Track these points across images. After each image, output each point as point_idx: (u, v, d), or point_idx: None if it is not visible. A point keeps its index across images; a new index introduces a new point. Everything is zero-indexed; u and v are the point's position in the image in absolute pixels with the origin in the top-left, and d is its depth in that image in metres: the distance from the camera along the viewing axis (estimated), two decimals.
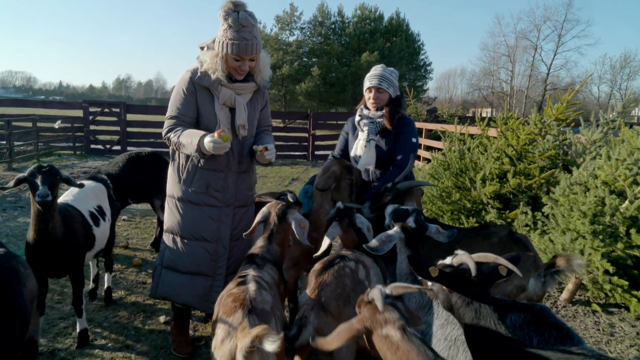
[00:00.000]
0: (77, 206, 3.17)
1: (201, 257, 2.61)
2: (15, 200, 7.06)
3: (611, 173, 3.77)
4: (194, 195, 2.60)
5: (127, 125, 13.73)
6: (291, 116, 16.15)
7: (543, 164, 4.96)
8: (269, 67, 2.67)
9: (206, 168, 2.58)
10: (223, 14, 2.38)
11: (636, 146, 3.86)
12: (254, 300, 1.73)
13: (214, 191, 2.60)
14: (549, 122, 5.01)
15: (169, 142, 2.56)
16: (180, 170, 2.64)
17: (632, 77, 42.38)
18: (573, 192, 3.93)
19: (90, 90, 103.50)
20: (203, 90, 2.53)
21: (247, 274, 1.96)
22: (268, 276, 2.03)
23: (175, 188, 2.66)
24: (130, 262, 4.50)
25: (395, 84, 3.14)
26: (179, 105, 2.55)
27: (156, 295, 2.72)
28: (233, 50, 2.38)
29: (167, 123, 2.58)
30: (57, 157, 12.69)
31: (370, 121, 3.11)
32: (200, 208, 2.60)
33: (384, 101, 3.10)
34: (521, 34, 43.10)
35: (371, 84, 3.09)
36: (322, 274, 2.10)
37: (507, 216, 4.74)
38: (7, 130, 10.33)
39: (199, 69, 2.51)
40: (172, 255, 2.65)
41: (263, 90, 2.76)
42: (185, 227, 2.62)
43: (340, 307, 2.02)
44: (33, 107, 16.16)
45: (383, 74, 3.09)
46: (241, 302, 1.70)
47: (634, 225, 3.52)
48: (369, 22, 33.06)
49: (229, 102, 2.55)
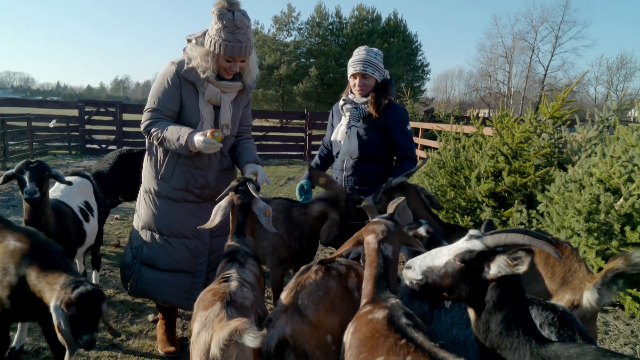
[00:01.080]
0: (66, 202, 3.15)
1: (181, 254, 2.55)
2: (7, 199, 7.00)
3: (606, 170, 3.74)
4: (172, 191, 2.53)
5: (123, 125, 13.66)
6: (288, 116, 16.13)
7: (538, 162, 4.92)
8: (257, 67, 2.62)
9: (187, 165, 2.52)
10: (217, 13, 2.30)
11: (631, 143, 3.83)
12: (233, 294, 1.67)
13: (193, 188, 2.54)
14: (544, 120, 4.99)
15: (149, 136, 2.46)
16: (158, 165, 2.56)
17: (628, 79, 42.60)
18: (568, 190, 3.90)
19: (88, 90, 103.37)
20: (188, 84, 2.46)
21: (231, 274, 1.87)
22: (251, 275, 1.95)
23: (152, 183, 2.58)
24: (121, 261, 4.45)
25: (381, 66, 2.98)
26: (162, 97, 2.45)
27: (135, 292, 2.66)
28: (227, 52, 2.32)
29: (147, 115, 2.48)
30: (52, 156, 12.62)
31: (353, 107, 2.99)
32: (178, 204, 2.55)
33: (370, 87, 2.96)
34: (518, 35, 43.32)
35: (355, 70, 2.94)
36: (304, 273, 1.84)
37: (502, 214, 4.70)
38: (1, 130, 10.27)
39: (185, 62, 2.43)
40: (151, 252, 2.58)
41: (248, 90, 2.70)
42: (164, 223, 2.55)
43: (320, 314, 1.69)
44: (29, 106, 16.05)
45: (367, 59, 2.93)
46: (220, 296, 1.64)
47: (629, 222, 3.49)
48: (367, 22, 33.04)
49: (214, 99, 2.48)
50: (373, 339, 1.40)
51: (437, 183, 5.44)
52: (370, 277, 1.63)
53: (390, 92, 3.00)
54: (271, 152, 14.69)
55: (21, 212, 6.20)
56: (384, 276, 1.62)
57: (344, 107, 3.06)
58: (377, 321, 1.45)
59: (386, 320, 1.43)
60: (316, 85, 31.16)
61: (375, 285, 1.60)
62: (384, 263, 1.64)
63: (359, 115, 2.97)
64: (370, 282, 1.62)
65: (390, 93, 2.99)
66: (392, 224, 1.77)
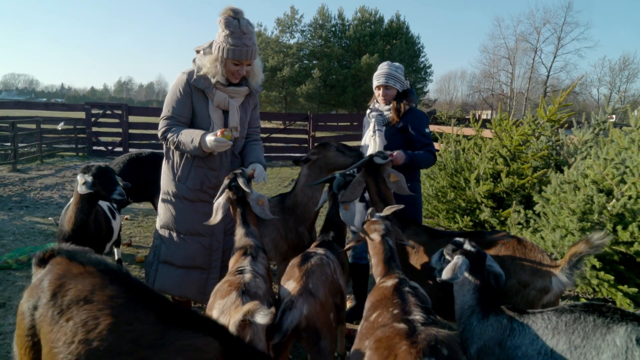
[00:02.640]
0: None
1: (197, 251, 2.73)
2: (20, 200, 7.20)
3: (600, 172, 3.89)
4: (188, 191, 2.71)
5: (129, 127, 13.86)
6: (291, 118, 16.28)
7: (536, 164, 5.08)
8: (262, 72, 2.82)
9: (201, 166, 2.70)
10: (224, 21, 2.49)
11: (623, 146, 3.98)
12: (247, 284, 1.85)
13: (207, 188, 2.72)
14: (541, 123, 5.14)
15: (166, 142, 2.66)
16: (175, 168, 2.75)
17: (631, 80, 42.54)
18: (563, 191, 4.05)
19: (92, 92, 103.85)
20: (198, 92, 2.65)
21: (245, 267, 2.06)
22: (262, 268, 2.13)
23: (170, 185, 2.76)
24: (134, 259, 4.63)
25: (401, 79, 3.36)
26: (176, 106, 2.65)
27: (154, 288, 2.83)
28: (235, 56, 2.51)
29: (163, 123, 2.68)
30: (60, 158, 12.84)
31: (378, 113, 3.34)
32: (194, 204, 2.72)
33: (392, 96, 3.34)
34: (521, 37, 43.32)
35: (379, 83, 3.34)
36: (304, 263, 2.12)
37: (500, 215, 4.86)
38: (11, 132, 10.49)
39: (195, 71, 2.62)
40: (168, 250, 2.75)
41: (254, 94, 2.89)
42: (180, 222, 2.73)
43: (327, 294, 2.03)
44: (36, 109, 16.28)
45: (389, 72, 3.31)
46: (236, 286, 1.83)
47: (621, 222, 3.63)
48: (369, 24, 33.24)
49: (223, 104, 2.67)
50: (380, 300, 1.78)
51: (438, 184, 5.59)
52: (380, 261, 2.06)
53: (410, 99, 3.37)
54: (274, 153, 14.85)
55: (34, 212, 6.42)
56: (392, 258, 2.07)
57: (370, 115, 3.39)
58: (386, 287, 1.85)
59: (394, 287, 1.83)
60: (319, 86, 31.36)
61: (386, 265, 2.03)
62: (390, 250, 2.09)
63: (383, 120, 3.32)
64: (381, 264, 2.05)
65: (410, 100, 3.37)
66: (389, 222, 2.23)
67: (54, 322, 1.52)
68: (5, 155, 10.73)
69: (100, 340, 1.43)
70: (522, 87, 43.40)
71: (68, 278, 1.60)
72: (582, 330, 1.65)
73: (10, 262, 4.22)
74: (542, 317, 1.79)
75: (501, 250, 2.45)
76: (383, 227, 2.16)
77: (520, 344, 1.79)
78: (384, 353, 1.42)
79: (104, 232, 3.31)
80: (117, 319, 1.46)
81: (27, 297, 1.65)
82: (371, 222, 2.23)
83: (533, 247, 2.42)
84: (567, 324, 1.69)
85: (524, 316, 1.85)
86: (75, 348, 1.44)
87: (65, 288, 1.57)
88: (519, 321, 1.83)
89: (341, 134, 15.99)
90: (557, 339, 1.68)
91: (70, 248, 1.78)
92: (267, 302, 1.89)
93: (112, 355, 1.42)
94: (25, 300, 1.65)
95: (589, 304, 1.73)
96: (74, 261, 1.66)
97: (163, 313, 1.49)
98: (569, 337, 1.65)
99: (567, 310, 1.74)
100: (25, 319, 1.62)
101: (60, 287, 1.58)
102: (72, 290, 1.56)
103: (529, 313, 1.86)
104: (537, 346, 1.73)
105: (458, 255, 2.02)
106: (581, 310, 1.71)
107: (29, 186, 8.48)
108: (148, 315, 1.48)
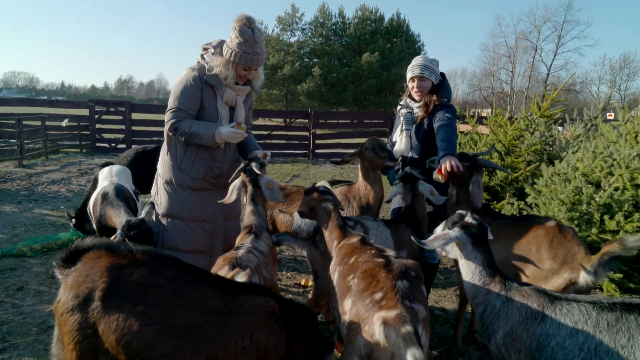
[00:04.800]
0: (126, 185, 3.77)
1: (200, 236, 2.92)
2: (29, 194, 7.39)
3: (589, 165, 4.07)
4: (191, 180, 2.89)
5: (132, 124, 14.04)
6: (292, 115, 16.44)
7: (530, 158, 5.26)
8: (263, 74, 3.03)
9: (205, 157, 2.88)
10: (239, 29, 2.67)
11: (612, 140, 4.16)
12: (239, 259, 2.07)
13: (210, 177, 2.91)
14: (535, 118, 5.31)
15: (176, 132, 2.77)
16: (178, 158, 2.90)
17: (631, 78, 42.69)
18: (554, 183, 4.23)
19: (93, 90, 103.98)
20: (208, 87, 2.82)
21: (243, 244, 2.29)
22: (264, 245, 2.36)
23: (173, 174, 2.92)
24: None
25: (436, 71, 3.21)
26: (185, 98, 2.78)
27: None
28: (247, 63, 2.72)
29: (172, 115, 2.77)
30: (64, 154, 13.02)
31: (408, 111, 3.30)
32: (197, 192, 2.91)
33: (427, 88, 3.19)
34: (521, 35, 43.42)
35: (413, 74, 3.20)
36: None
37: (494, 207, 5.04)
38: (17, 129, 10.67)
39: (206, 68, 2.79)
40: (173, 236, 2.91)
41: (251, 95, 3.10)
42: (185, 209, 2.91)
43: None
44: (40, 106, 16.47)
45: (424, 64, 3.18)
46: (229, 260, 2.05)
47: (608, 212, 3.82)
48: (370, 23, 33.33)
49: (231, 101, 2.88)
50: (351, 252, 2.18)
51: None
52: (335, 226, 2.43)
53: (442, 94, 3.21)
54: (276, 150, 15.00)
55: (43, 205, 6.61)
56: (345, 224, 2.45)
57: (400, 112, 3.37)
58: (353, 243, 2.24)
59: (359, 242, 2.23)
60: (319, 85, 31.49)
61: (341, 230, 2.40)
62: (341, 217, 2.46)
63: (412, 119, 3.27)
64: (336, 229, 2.41)
65: (442, 95, 3.20)
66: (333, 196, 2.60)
67: (118, 310, 1.58)
68: (11, 151, 10.91)
69: (176, 318, 1.60)
70: (522, 85, 43.55)
71: (120, 267, 1.65)
72: (627, 331, 1.64)
73: (25, 249, 4.41)
74: (580, 310, 1.74)
75: (540, 235, 2.54)
76: (332, 198, 2.50)
77: (553, 333, 1.74)
78: (369, 279, 1.83)
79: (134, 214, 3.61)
80: (186, 297, 1.65)
81: (70, 294, 1.65)
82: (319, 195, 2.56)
83: (573, 237, 2.48)
84: (610, 323, 1.67)
85: (555, 303, 1.80)
86: (154, 329, 1.58)
87: (122, 277, 1.62)
88: (551, 307, 1.79)
89: (342, 131, 16.18)
90: (600, 337, 1.65)
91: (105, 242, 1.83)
92: (260, 275, 2.10)
93: (191, 327, 1.61)
94: (69, 298, 1.64)
95: (628, 302, 1.72)
96: (120, 252, 1.71)
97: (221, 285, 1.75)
98: (614, 337, 1.64)
99: (607, 307, 1.71)
100: (74, 314, 1.63)
101: (116, 277, 1.62)
102: (132, 277, 1.63)
103: (562, 299, 1.81)
104: (577, 341, 1.69)
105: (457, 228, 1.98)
106: (621, 309, 1.70)
107: (36, 181, 8.67)
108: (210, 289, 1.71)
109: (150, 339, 1.57)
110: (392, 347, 1.57)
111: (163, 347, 1.59)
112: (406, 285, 1.75)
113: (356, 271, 1.97)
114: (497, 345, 1.87)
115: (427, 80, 3.17)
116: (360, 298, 1.80)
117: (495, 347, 1.89)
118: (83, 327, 1.63)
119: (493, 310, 1.90)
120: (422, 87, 3.19)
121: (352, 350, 1.74)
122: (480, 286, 1.96)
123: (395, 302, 1.66)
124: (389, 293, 1.71)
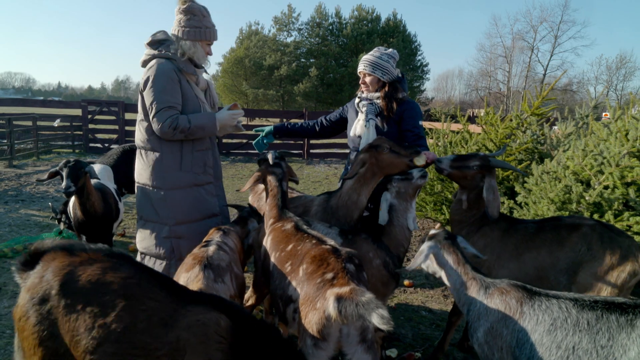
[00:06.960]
0: (107, 184, 3.85)
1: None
2: (16, 194, 7.29)
3: (579, 163, 4.01)
4: (195, 177, 2.79)
5: (126, 124, 13.93)
6: (287, 115, 16.39)
7: (521, 156, 5.20)
8: None
9: (200, 149, 2.81)
10: (183, 7, 2.64)
11: (602, 138, 4.10)
12: (210, 258, 2.00)
13: (209, 168, 2.86)
14: (526, 117, 5.26)
15: (176, 131, 2.58)
16: (176, 160, 2.74)
17: (627, 78, 42.75)
18: (543, 181, 4.17)
19: (89, 91, 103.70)
20: (183, 77, 2.70)
21: (212, 238, 2.24)
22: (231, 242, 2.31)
23: (177, 178, 2.73)
24: (127, 248, 4.74)
25: (387, 67, 3.01)
26: (171, 95, 2.61)
27: None
28: (212, 37, 2.69)
29: (165, 115, 2.56)
30: (57, 155, 12.90)
31: (369, 102, 3.08)
32: (203, 187, 2.85)
33: (373, 87, 3.06)
34: (518, 35, 43.44)
35: (359, 69, 3.09)
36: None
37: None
38: (7, 129, 10.57)
39: (175, 57, 2.65)
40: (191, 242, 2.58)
41: None
42: (197, 210, 2.80)
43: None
44: (33, 106, 16.35)
45: (374, 61, 3.02)
46: (199, 260, 1.97)
47: (598, 211, 3.76)
48: (366, 23, 33.31)
49: (203, 85, 2.86)
50: (286, 238, 2.15)
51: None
52: (274, 205, 2.39)
53: (400, 90, 3.06)
54: (270, 150, 14.91)
55: (30, 205, 6.51)
56: (284, 204, 2.39)
57: (360, 104, 3.15)
58: (288, 229, 2.21)
59: (294, 228, 2.20)
60: (316, 85, 31.44)
61: (279, 210, 2.36)
62: (283, 196, 2.41)
63: (375, 109, 3.06)
64: (274, 208, 2.37)
65: (400, 90, 3.05)
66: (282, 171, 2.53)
67: (70, 310, 1.52)
68: (1, 151, 10.81)
69: (117, 322, 1.47)
70: (519, 85, 43.57)
71: (74, 266, 1.59)
72: (607, 331, 1.61)
73: (6, 250, 4.32)
74: (560, 307, 1.71)
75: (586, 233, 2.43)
76: (280, 171, 2.45)
77: (532, 329, 1.72)
78: (319, 263, 1.86)
79: (113, 214, 3.67)
80: (131, 299, 1.51)
81: (27, 296, 1.60)
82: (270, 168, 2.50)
83: (622, 232, 2.47)
84: (590, 322, 1.63)
85: (534, 298, 1.77)
86: (97, 332, 1.47)
87: (74, 276, 1.56)
88: (529, 303, 1.76)
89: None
90: (580, 337, 1.63)
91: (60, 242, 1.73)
92: (232, 272, 2.03)
93: (129, 334, 1.47)
94: (26, 300, 1.59)
95: (610, 301, 1.68)
96: (74, 251, 1.65)
97: (174, 291, 1.56)
98: (594, 337, 1.61)
99: (588, 305, 1.68)
100: (31, 317, 1.57)
101: (69, 276, 1.56)
102: (83, 276, 1.55)
103: (541, 295, 1.79)
104: (556, 339, 1.66)
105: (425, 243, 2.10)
106: (603, 308, 1.66)
107: (25, 181, 8.56)
108: (161, 293, 1.54)
109: (94, 342, 1.48)
110: (349, 318, 1.53)
111: (102, 353, 1.48)
112: (354, 269, 1.82)
113: (301, 258, 1.96)
114: (480, 343, 1.86)
115: (372, 76, 3.03)
116: (310, 279, 1.82)
117: (478, 345, 1.87)
118: (39, 329, 1.55)
119: (474, 308, 1.91)
120: (366, 84, 3.08)
121: (304, 331, 1.74)
122: (459, 288, 2.00)
123: (347, 280, 1.71)
124: (340, 273, 1.76)
